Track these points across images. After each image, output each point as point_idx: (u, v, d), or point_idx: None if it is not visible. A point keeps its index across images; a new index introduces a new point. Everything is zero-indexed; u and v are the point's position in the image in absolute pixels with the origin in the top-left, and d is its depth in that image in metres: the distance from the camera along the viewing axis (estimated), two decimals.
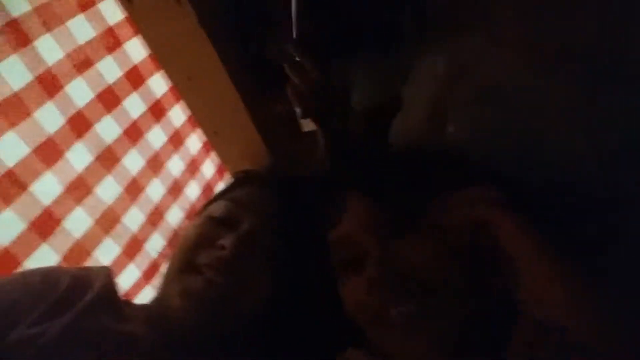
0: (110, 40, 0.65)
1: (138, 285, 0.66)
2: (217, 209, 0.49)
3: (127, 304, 0.46)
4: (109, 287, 0.44)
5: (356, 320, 0.39)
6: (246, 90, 0.63)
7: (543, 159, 0.45)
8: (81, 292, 0.40)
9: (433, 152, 0.49)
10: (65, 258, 0.55)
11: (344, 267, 0.40)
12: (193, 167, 0.81)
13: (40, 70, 0.54)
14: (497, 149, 0.47)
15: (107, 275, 0.45)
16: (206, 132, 0.70)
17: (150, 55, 0.73)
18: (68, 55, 0.58)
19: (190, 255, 0.44)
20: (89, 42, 0.61)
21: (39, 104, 0.54)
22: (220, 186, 0.88)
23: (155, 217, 0.71)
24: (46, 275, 0.41)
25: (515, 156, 0.46)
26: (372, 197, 0.41)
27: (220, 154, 0.74)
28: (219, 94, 0.63)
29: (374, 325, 0.37)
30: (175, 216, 0.75)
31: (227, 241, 0.43)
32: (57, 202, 0.55)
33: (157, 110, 0.74)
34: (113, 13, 0.66)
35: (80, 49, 0.59)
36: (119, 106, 0.65)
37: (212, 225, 0.46)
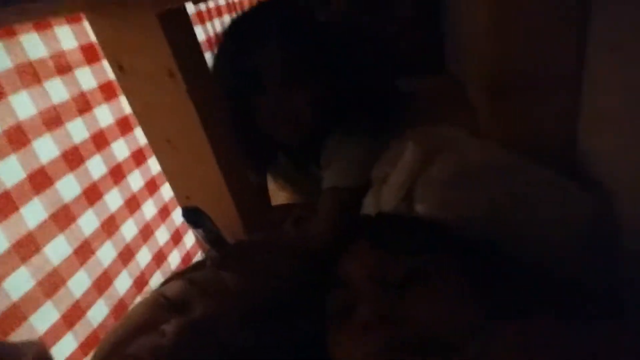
0: (82, 104, 0.67)
1: (74, 358, 0.59)
2: (172, 288, 0.45)
3: None
4: (42, 356, 0.38)
5: None
6: (224, 158, 0.66)
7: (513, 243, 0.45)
8: None
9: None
10: None
11: (337, 314, 0.38)
12: (146, 232, 0.79)
13: (10, 123, 0.54)
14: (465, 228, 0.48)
15: (38, 349, 0.39)
16: (178, 195, 0.71)
17: (116, 121, 0.75)
18: (40, 113, 0.58)
19: (127, 336, 0.40)
20: (62, 103, 0.63)
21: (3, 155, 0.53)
22: (174, 254, 0.85)
23: (102, 282, 0.66)
24: None
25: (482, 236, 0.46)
26: (377, 247, 0.40)
27: None
28: (196, 158, 0.65)
29: None
30: (124, 283, 0.71)
31: (170, 327, 0.39)
32: (0, 259, 0.51)
33: (117, 174, 0.74)
34: (88, 79, 0.69)
35: (53, 108, 0.61)
36: (82, 165, 0.65)
37: (161, 306, 0.43)
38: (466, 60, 0.78)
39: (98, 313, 0.65)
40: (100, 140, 0.70)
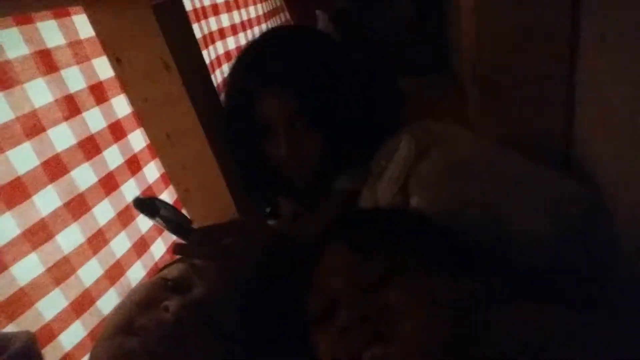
0: (99, 93, 0.67)
1: (82, 346, 0.60)
2: (172, 270, 0.48)
3: None
4: (27, 349, 0.40)
5: None
6: (221, 152, 0.66)
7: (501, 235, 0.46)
8: None
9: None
10: (1, 306, 0.50)
11: (317, 318, 0.39)
12: None
13: (25, 111, 0.55)
14: (458, 221, 0.48)
15: (27, 338, 0.41)
16: (177, 188, 0.71)
17: (133, 112, 0.75)
18: (57, 101, 0.59)
19: (130, 314, 0.42)
20: (80, 92, 0.63)
21: (16, 144, 0.54)
22: None
23: (114, 272, 0.67)
24: None
25: (474, 229, 0.47)
26: (352, 249, 0.40)
27: (190, 212, 0.74)
28: (194, 152, 0.64)
29: None
30: (136, 273, 0.71)
31: (172, 303, 0.41)
32: (11, 244, 0.52)
33: (133, 164, 0.74)
34: (106, 68, 0.69)
35: (70, 97, 0.61)
36: (99, 155, 0.66)
37: (162, 287, 0.45)
38: (459, 57, 0.77)
39: (109, 302, 0.65)
40: (117, 131, 0.71)
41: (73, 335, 0.59)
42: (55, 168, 0.59)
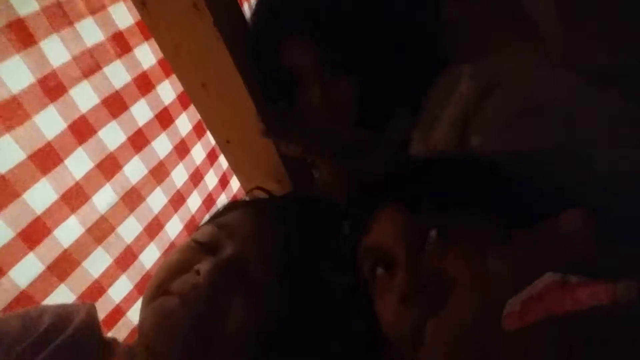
0: (120, 45, 0.63)
1: (130, 297, 0.63)
2: (202, 233, 0.47)
3: (109, 341, 0.44)
4: (89, 322, 0.43)
5: (396, 342, 0.36)
6: (261, 99, 0.60)
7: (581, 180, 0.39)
8: (61, 330, 0.40)
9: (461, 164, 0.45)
10: (50, 268, 0.53)
11: (375, 278, 0.38)
12: (196, 177, 0.79)
13: (45, 72, 0.52)
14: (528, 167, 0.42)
15: (88, 311, 0.43)
16: (218, 140, 0.67)
17: (159, 62, 0.71)
18: (75, 58, 0.56)
19: (166, 279, 0.43)
20: (98, 46, 0.59)
21: (40, 107, 0.52)
22: (222, 198, 0.85)
23: (153, 227, 0.68)
24: (27, 316, 0.41)
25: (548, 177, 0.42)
26: (404, 208, 0.38)
27: (232, 163, 0.71)
28: (233, 101, 0.60)
29: (415, 344, 0.33)
30: (174, 227, 0.73)
31: (202, 266, 0.41)
32: (50, 210, 0.53)
33: (164, 118, 0.72)
34: (123, 17, 0.64)
35: (88, 52, 0.58)
36: (126, 112, 0.64)
37: (194, 250, 0.45)
38: None
39: (151, 256, 0.68)
40: (144, 84, 0.68)
41: (121, 289, 0.62)
42: (82, 130, 0.57)
